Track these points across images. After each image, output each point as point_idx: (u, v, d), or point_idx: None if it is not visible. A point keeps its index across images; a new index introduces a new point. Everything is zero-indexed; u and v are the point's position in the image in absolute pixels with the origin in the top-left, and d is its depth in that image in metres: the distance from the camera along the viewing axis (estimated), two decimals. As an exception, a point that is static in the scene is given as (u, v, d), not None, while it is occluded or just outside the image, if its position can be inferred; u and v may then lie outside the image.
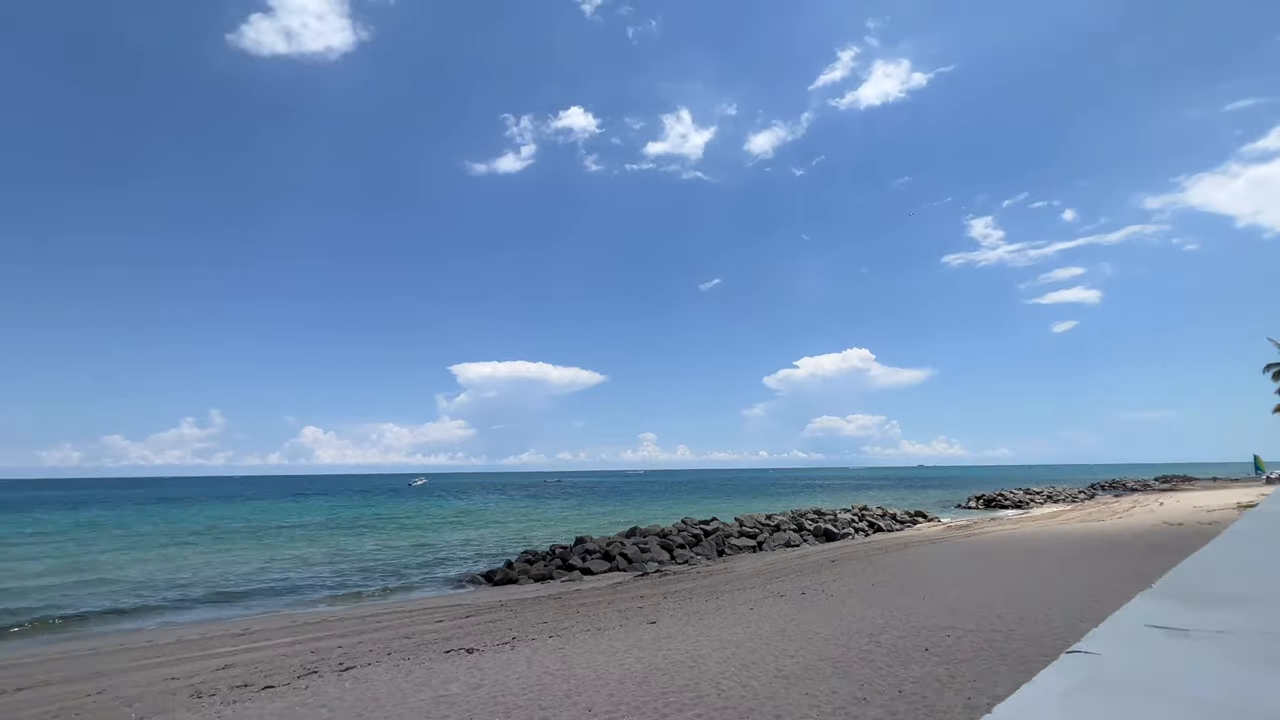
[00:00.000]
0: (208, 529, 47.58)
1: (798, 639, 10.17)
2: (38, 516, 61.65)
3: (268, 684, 9.42)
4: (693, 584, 19.62)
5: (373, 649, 11.97)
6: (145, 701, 8.98)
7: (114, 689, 10.15)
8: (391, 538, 40.61)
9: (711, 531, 30.65)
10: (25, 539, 41.53)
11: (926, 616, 11.29)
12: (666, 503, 74.47)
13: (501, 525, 48.70)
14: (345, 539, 40.20)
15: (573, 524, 48.05)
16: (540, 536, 40.07)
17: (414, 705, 7.70)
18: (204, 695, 9.07)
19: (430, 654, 10.91)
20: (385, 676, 9.28)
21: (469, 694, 8.09)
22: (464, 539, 39.56)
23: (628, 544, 27.66)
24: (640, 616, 13.54)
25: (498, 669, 9.31)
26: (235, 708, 8.11)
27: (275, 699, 8.45)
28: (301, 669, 10.45)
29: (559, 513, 60.88)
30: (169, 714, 8.06)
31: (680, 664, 8.97)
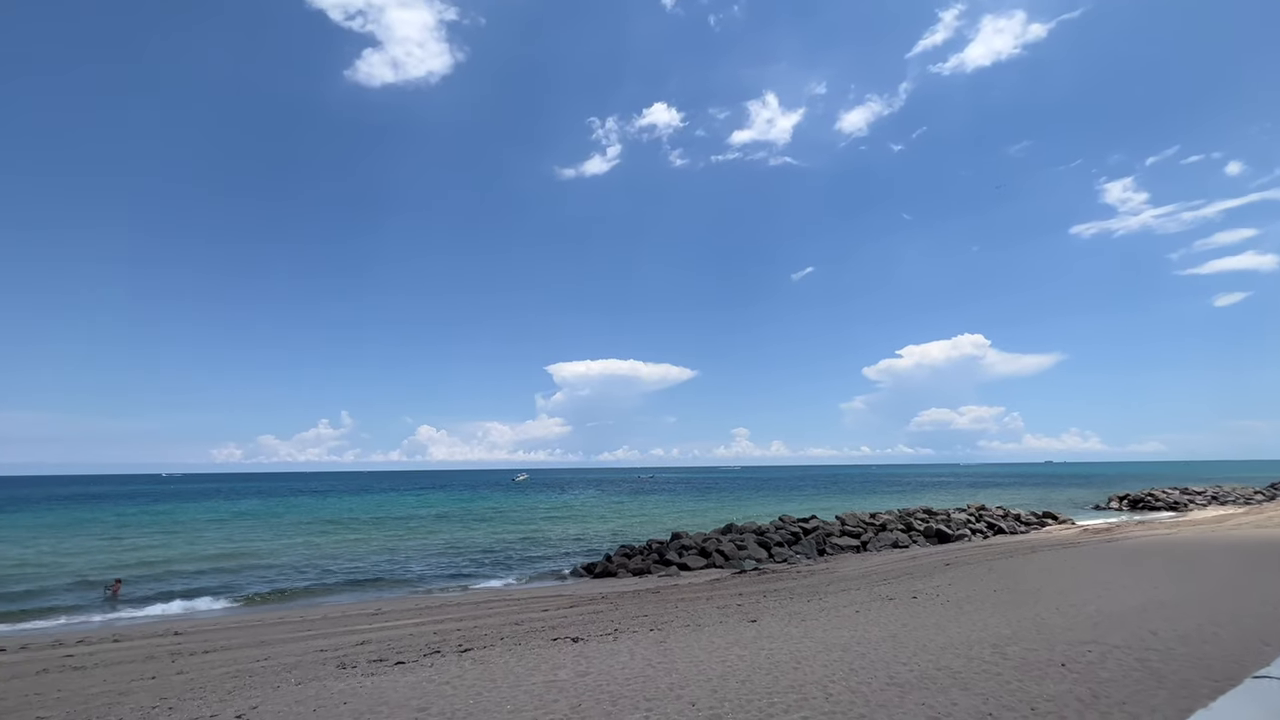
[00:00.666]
0: (342, 519, 52.80)
1: (910, 646, 9.66)
2: (210, 505, 71.36)
3: (399, 660, 10.34)
4: (793, 583, 19.17)
5: (487, 633, 12.77)
6: (301, 669, 10.17)
7: (276, 656, 11.58)
8: (498, 530, 43.02)
9: (811, 530, 29.73)
10: (202, 525, 48.25)
11: (1061, 629, 10.32)
12: (761, 499, 73.09)
13: (599, 520, 50.06)
14: (458, 530, 43.10)
15: (667, 519, 48.45)
16: (636, 531, 40.77)
17: (527, 688, 8.15)
18: (347, 666, 10.12)
19: (539, 640, 11.47)
20: (500, 659, 9.88)
21: (577, 680, 8.43)
22: (564, 532, 41.10)
23: (724, 541, 27.46)
24: (740, 614, 13.43)
25: (602, 658, 9.62)
26: (373, 679, 8.99)
27: (406, 674, 9.26)
28: (427, 648, 11.37)
29: (653, 508, 61.58)
30: (320, 681, 9.07)
31: (783, 664, 8.82)
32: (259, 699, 8.26)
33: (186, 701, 8.45)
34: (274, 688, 8.92)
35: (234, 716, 7.51)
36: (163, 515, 56.62)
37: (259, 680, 9.55)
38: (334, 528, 44.81)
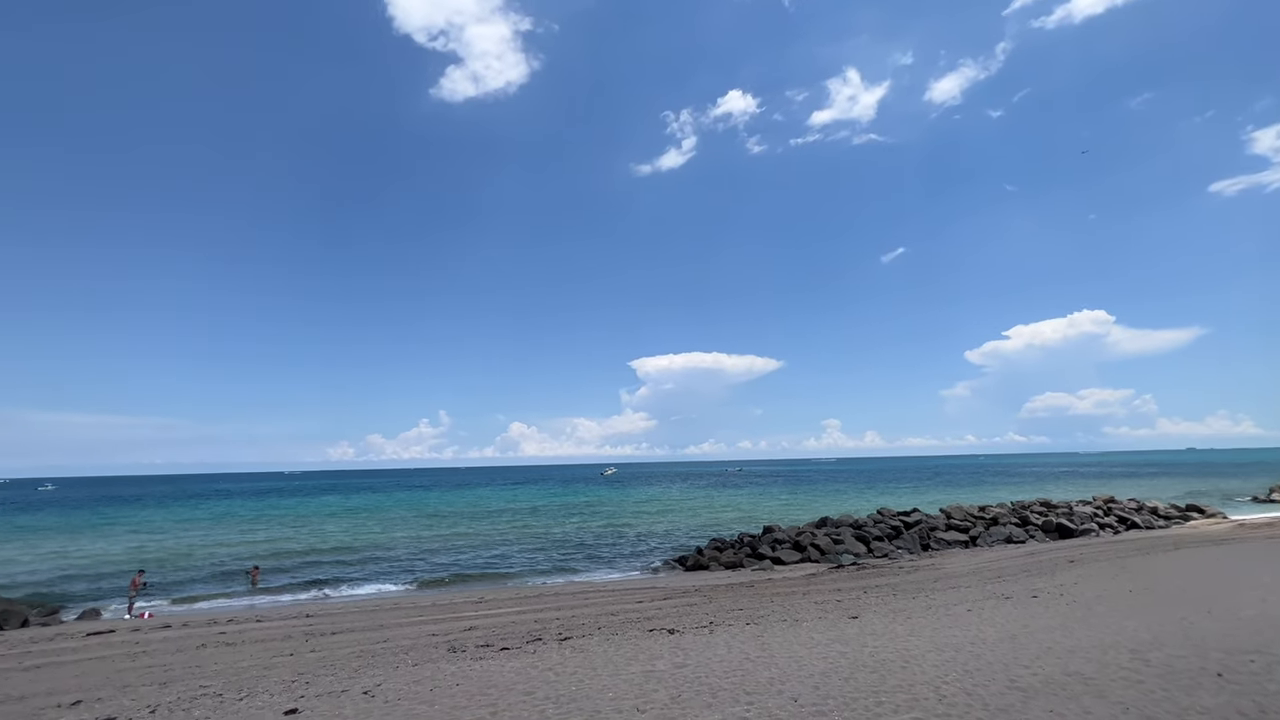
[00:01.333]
0: (443, 513, 56.15)
1: (1032, 648, 8.92)
2: (327, 501, 78.21)
3: (504, 645, 10.84)
4: (895, 579, 18.26)
5: (584, 622, 13.12)
6: (416, 651, 10.91)
7: (394, 639, 12.50)
8: (590, 523, 44.11)
9: (914, 524, 28.19)
10: (322, 519, 53.01)
11: (1217, 635, 9.15)
12: (856, 492, 70.24)
13: (687, 513, 50.08)
14: (552, 523, 44.63)
15: (757, 513, 47.67)
16: (726, 525, 40.41)
17: (626, 677, 8.28)
18: (457, 650, 10.74)
19: (635, 631, 11.63)
20: (599, 648, 10.11)
21: (675, 671, 8.46)
22: (653, 525, 41.46)
23: (819, 535, 26.64)
24: (839, 610, 12.97)
25: (699, 650, 9.60)
26: (482, 663, 9.48)
27: (511, 659, 9.69)
28: (529, 635, 11.85)
29: (742, 501, 60.80)
30: (434, 664, 9.69)
31: (890, 663, 8.41)
32: (382, 677, 8.94)
33: (321, 677, 9.29)
34: (394, 668, 9.62)
35: (361, 692, 8.17)
36: (287, 510, 62.73)
37: (380, 660, 10.34)
38: (436, 521, 47.74)
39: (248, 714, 7.55)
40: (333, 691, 8.31)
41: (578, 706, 7.19)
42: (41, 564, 30.30)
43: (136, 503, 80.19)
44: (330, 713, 7.39)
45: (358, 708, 7.52)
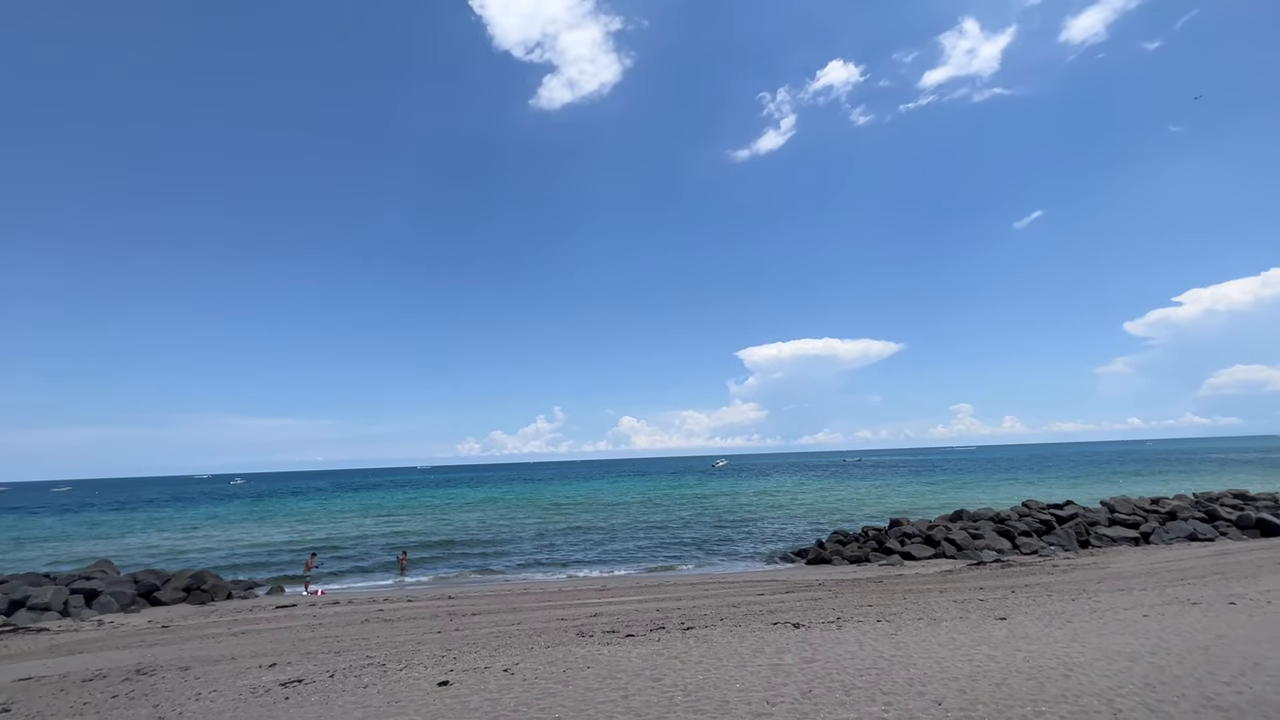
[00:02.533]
0: (562, 504, 58.77)
1: (1234, 662, 7.64)
2: (457, 493, 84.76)
3: (629, 633, 11.13)
4: (1048, 579, 16.47)
5: (706, 613, 13.14)
6: (548, 635, 11.51)
7: (526, 622, 13.28)
8: (704, 514, 44.13)
9: (1068, 518, 25.28)
10: (455, 509, 57.57)
11: None
12: (993, 483, 64.26)
13: (804, 505, 48.51)
14: (666, 515, 45.19)
15: (881, 505, 45.13)
16: (846, 517, 38.67)
17: (752, 669, 8.17)
18: (585, 635, 11.19)
19: (758, 624, 11.45)
20: (722, 639, 10.07)
21: (803, 667, 8.22)
22: (770, 518, 40.62)
23: (954, 529, 24.69)
24: (983, 610, 11.92)
25: (828, 646, 9.25)
26: (609, 649, 9.80)
27: (637, 645, 9.93)
28: (652, 624, 12.07)
29: (864, 493, 57.82)
30: (565, 647, 10.17)
31: (1048, 670, 7.59)
32: (519, 657, 9.52)
33: (465, 654, 10.09)
34: (529, 649, 10.21)
35: (502, 670, 8.75)
36: (426, 501, 68.75)
37: (516, 642, 11.03)
38: (556, 512, 50.09)
39: (407, 683, 8.36)
40: (477, 668, 8.98)
41: (705, 696, 7.20)
42: (235, 546, 35.69)
43: (303, 495, 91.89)
44: (476, 686, 7.99)
45: (499, 683, 8.06)
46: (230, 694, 8.48)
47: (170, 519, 56.78)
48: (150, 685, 9.38)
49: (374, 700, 7.68)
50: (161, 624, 16.55)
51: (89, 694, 9.12)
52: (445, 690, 7.91)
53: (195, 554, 32.88)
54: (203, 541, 38.55)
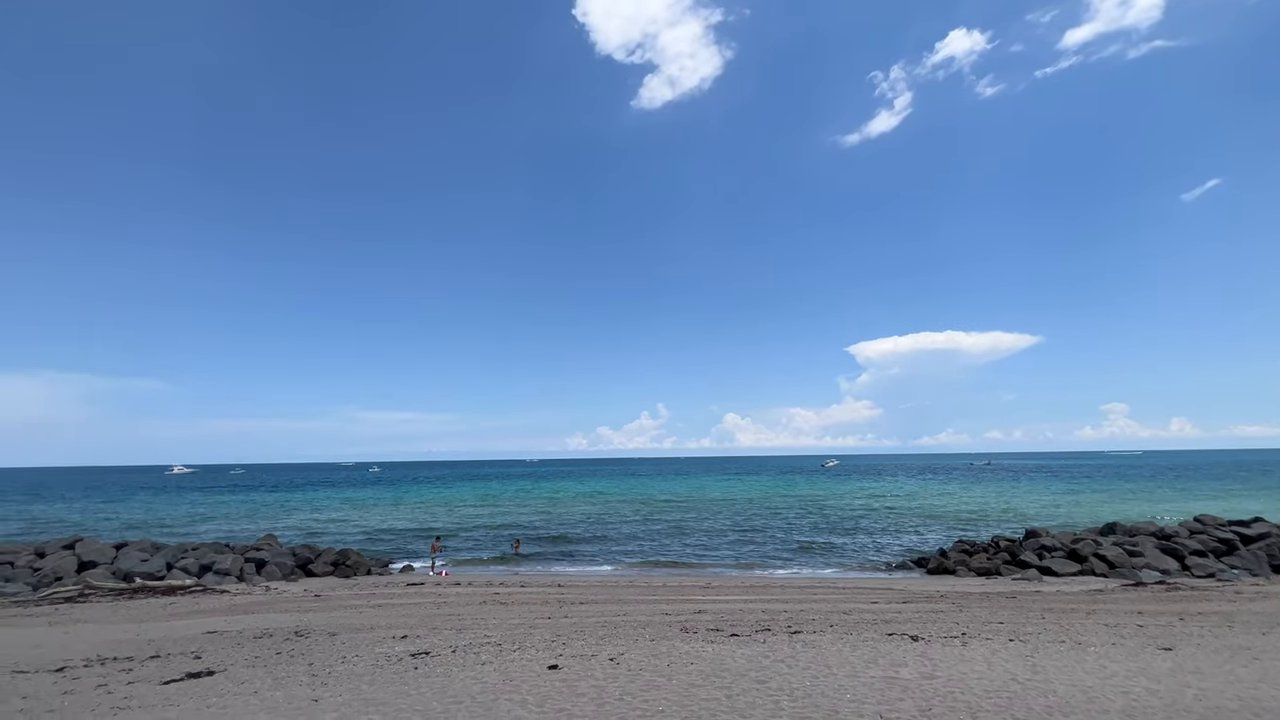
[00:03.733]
0: (668, 499, 59.16)
1: None
2: (564, 485, 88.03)
3: (734, 632, 10.98)
4: (1229, 607, 14.14)
5: (815, 618, 12.64)
6: (652, 628, 11.64)
7: (631, 615, 13.52)
8: (812, 515, 42.56)
9: (1256, 538, 21.57)
10: (564, 501, 59.89)
11: None
12: (1156, 493, 56.26)
13: (923, 510, 45.29)
14: (772, 514, 44.11)
15: (1013, 513, 41.07)
16: (972, 524, 35.62)
17: (865, 680, 7.74)
18: (689, 631, 11.19)
19: (872, 633, 10.83)
20: (832, 646, 9.64)
21: (922, 683, 7.66)
22: (884, 522, 38.36)
23: (1105, 544, 21.94)
24: (1142, 638, 10.45)
25: (950, 663, 8.55)
26: (713, 647, 9.72)
27: (741, 646, 9.77)
28: (757, 625, 11.82)
29: (992, 499, 52.89)
30: (669, 641, 10.24)
31: (1228, 712, 6.49)
32: (624, 649, 9.71)
33: (574, 641, 10.46)
34: (634, 640, 10.38)
35: (608, 659, 8.97)
36: (533, 493, 72.10)
37: (621, 633, 11.26)
38: (662, 507, 50.54)
39: (520, 664, 8.81)
40: (584, 655, 9.28)
41: (813, 703, 6.93)
42: (372, 527, 39.59)
43: (428, 483, 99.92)
44: (584, 672, 8.24)
45: (605, 672, 8.26)
46: (369, 660, 9.39)
47: (320, 500, 64.16)
48: (306, 646, 10.64)
49: (490, 678, 8.17)
50: (314, 593, 18.72)
51: (259, 649, 10.50)
52: (555, 674, 8.24)
53: (339, 533, 36.92)
54: (345, 522, 43.21)
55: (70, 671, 9.20)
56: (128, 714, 7.12)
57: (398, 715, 6.79)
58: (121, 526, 41.72)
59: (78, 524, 42.84)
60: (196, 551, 23.34)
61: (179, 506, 58.40)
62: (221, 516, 48.24)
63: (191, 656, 10.01)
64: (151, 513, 52.40)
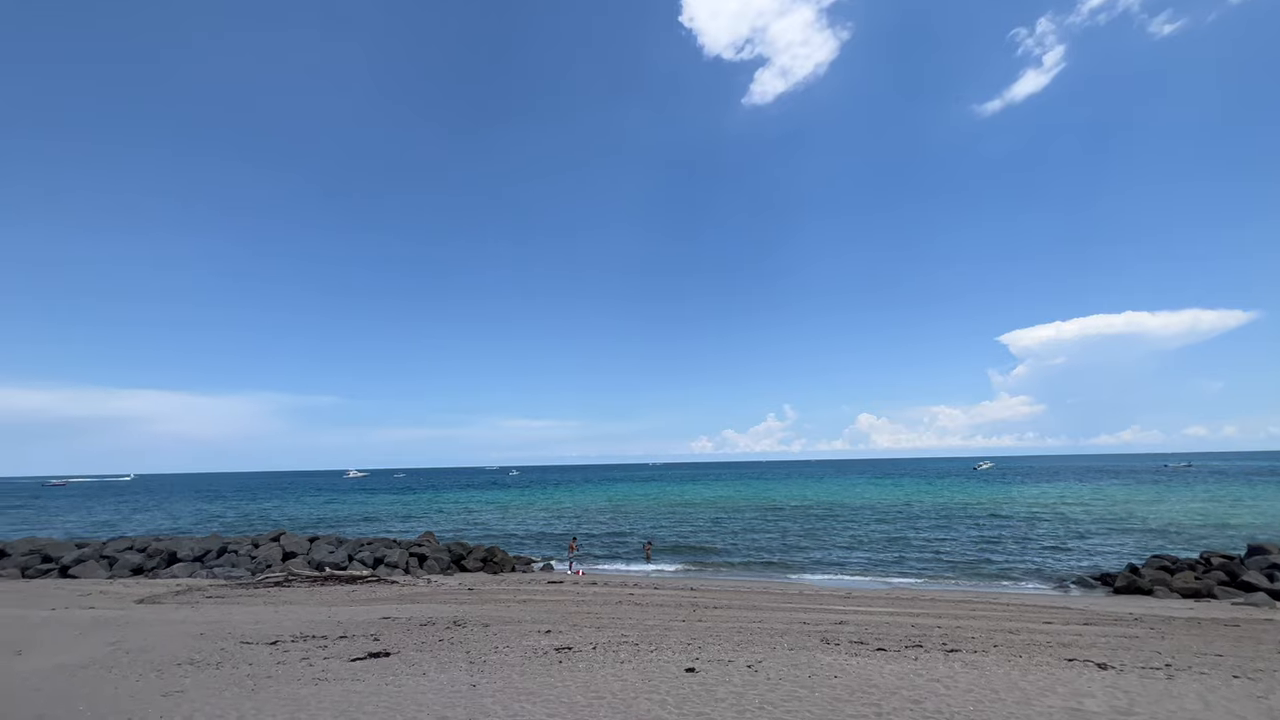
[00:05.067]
0: (798, 505, 56.98)
1: None
2: (687, 489, 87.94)
3: (880, 646, 10.27)
4: None
5: (974, 636, 11.46)
6: (790, 637, 11.23)
7: (767, 622, 13.16)
8: (964, 523, 38.77)
9: None
10: (690, 504, 59.83)
11: None
12: None
13: (1103, 518, 39.43)
14: (917, 520, 40.82)
15: (1226, 524, 34.43)
16: (1169, 536, 30.39)
17: (1041, 710, 6.85)
18: (830, 642, 10.64)
19: (1045, 657, 9.59)
20: (997, 669, 8.67)
21: (1115, 719, 6.62)
22: (1053, 532, 33.96)
23: (1364, 564, 17.70)
24: None
25: (1152, 699, 7.32)
26: (857, 660, 9.16)
27: (889, 661, 9.10)
28: (907, 640, 10.95)
29: (1197, 507, 44.69)
30: (809, 652, 9.80)
31: None
32: (762, 656, 9.45)
33: (709, 645, 10.38)
34: (771, 649, 10.08)
35: (745, 665, 8.78)
36: (659, 496, 72.76)
37: (758, 640, 10.98)
38: (793, 513, 48.78)
39: (658, 665, 8.91)
40: (721, 660, 9.16)
41: (980, 731, 6.26)
42: (514, 526, 42.31)
43: (561, 486, 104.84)
44: (721, 677, 8.14)
45: (743, 678, 8.09)
46: (518, 651, 10.01)
47: (467, 500, 69.92)
48: (463, 635, 11.59)
49: (630, 676, 8.34)
50: (468, 587, 20.38)
51: (425, 635, 11.62)
52: (692, 677, 8.22)
53: (485, 531, 39.93)
54: (489, 521, 46.67)
55: (281, 645, 10.79)
56: (325, 684, 8.20)
57: (546, 706, 7.15)
58: (312, 522, 48.43)
59: (279, 520, 50.42)
60: (371, 546, 26.45)
61: (355, 506, 66.65)
62: (388, 515, 54.29)
63: (371, 638, 11.32)
64: (333, 510, 60.33)
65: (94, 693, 8.01)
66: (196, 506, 68.74)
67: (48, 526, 47.94)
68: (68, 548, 25.93)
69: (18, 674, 9.03)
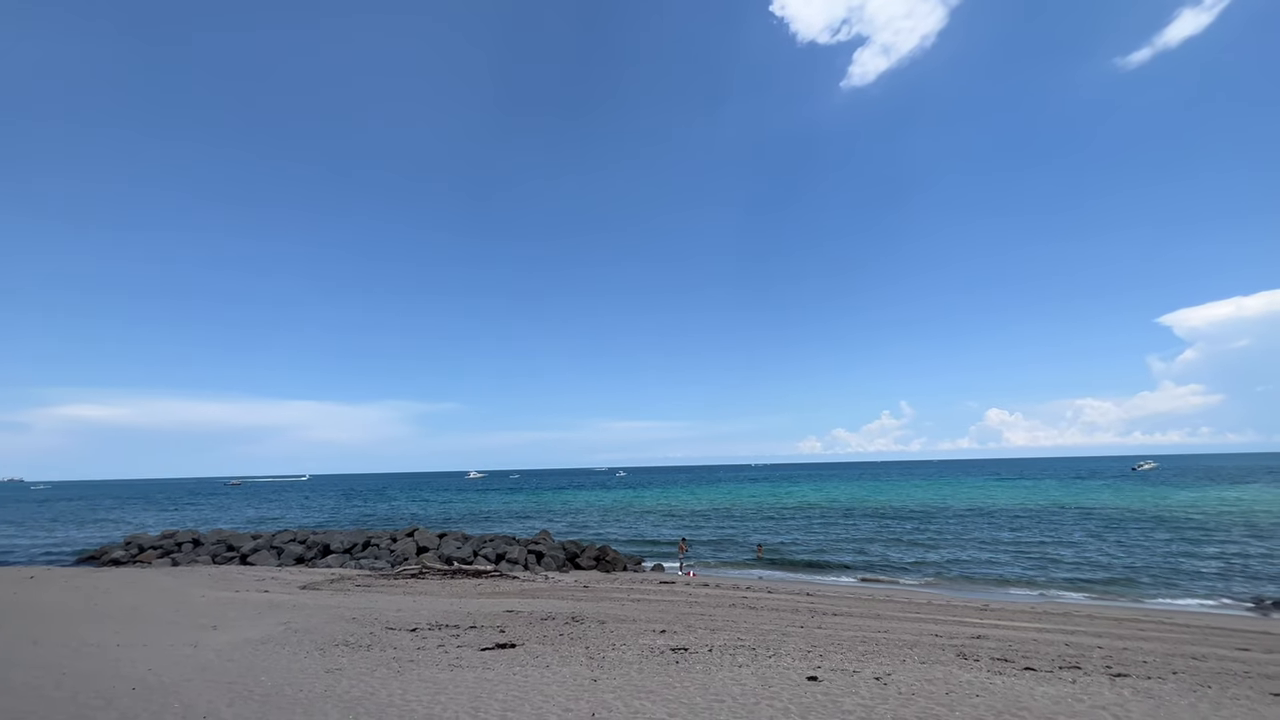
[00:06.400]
0: (918, 508, 53.18)
1: None
2: (796, 488, 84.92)
3: (1028, 665, 9.27)
4: None
5: (1145, 660, 10.03)
6: (920, 649, 10.46)
7: (894, 633, 12.36)
8: (1120, 530, 34.24)
9: None
10: (803, 507, 57.76)
11: None
12: None
13: (1312, 530, 33.11)
14: (1064, 527, 36.69)
15: None
16: None
17: (1245, 752, 5.83)
18: (967, 658, 9.77)
19: (1243, 689, 8.18)
20: (1180, 700, 7.51)
21: (1352, 770, 5.48)
22: (1243, 542, 29.05)
23: None
24: None
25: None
26: (1002, 679, 8.31)
27: (1041, 683, 8.18)
28: (1061, 660, 9.81)
29: None
30: (944, 666, 9.05)
31: None
32: (890, 668, 8.87)
33: (831, 653, 9.91)
34: (900, 661, 9.43)
35: (873, 677, 8.27)
36: (767, 497, 70.82)
37: (883, 651, 10.32)
38: (912, 514, 45.61)
39: (777, 671, 8.64)
40: (845, 669, 8.71)
41: (1165, 770, 5.43)
42: (622, 526, 43.09)
43: (666, 486, 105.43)
44: (847, 688, 7.73)
45: (871, 691, 7.63)
46: (635, 649, 10.13)
47: (578, 501, 72.30)
48: (581, 631, 11.94)
49: (748, 680, 8.15)
50: (583, 584, 21.02)
51: (546, 629, 12.11)
52: (815, 686, 7.88)
53: (595, 531, 41.02)
54: (597, 522, 47.90)
55: (420, 632, 11.71)
56: (460, 670, 8.76)
57: (665, 705, 7.16)
58: (439, 519, 52.35)
59: (411, 516, 54.99)
60: (493, 543, 28.09)
61: (475, 504, 71.22)
62: (505, 514, 57.47)
63: (497, 630, 11.97)
64: (456, 509, 64.86)
65: (272, 665, 9.13)
66: (342, 504, 76.77)
67: (228, 521, 55.66)
68: (245, 539, 29.92)
69: (214, 646, 10.51)
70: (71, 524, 55.08)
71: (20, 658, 9.62)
